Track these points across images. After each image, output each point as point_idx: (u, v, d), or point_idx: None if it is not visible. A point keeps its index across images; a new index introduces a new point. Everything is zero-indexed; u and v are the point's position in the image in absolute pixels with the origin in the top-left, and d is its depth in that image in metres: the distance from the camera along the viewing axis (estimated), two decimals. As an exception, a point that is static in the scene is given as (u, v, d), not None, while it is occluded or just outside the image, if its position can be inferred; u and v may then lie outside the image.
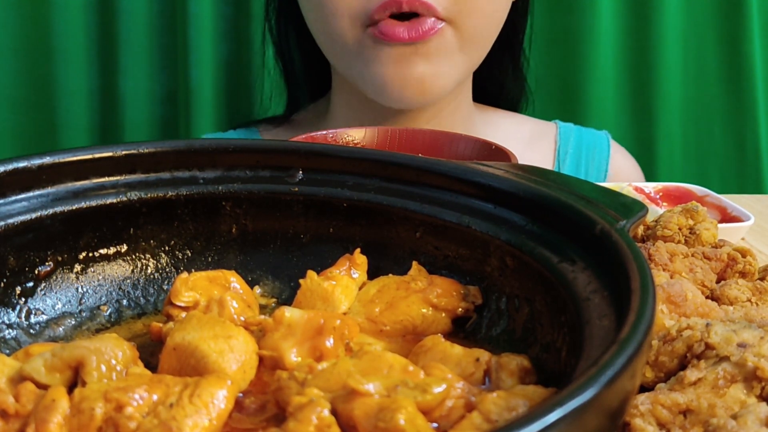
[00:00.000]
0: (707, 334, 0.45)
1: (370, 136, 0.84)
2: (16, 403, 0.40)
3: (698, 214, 0.66)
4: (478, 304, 0.52)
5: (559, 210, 0.49)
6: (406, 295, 0.52)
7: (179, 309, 0.51)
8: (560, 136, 1.21)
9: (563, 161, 1.19)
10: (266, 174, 0.58)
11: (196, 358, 0.43)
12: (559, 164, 1.19)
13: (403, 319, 0.51)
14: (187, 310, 0.51)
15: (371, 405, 0.37)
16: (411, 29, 0.94)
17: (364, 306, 0.52)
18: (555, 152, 1.20)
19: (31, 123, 1.30)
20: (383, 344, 0.51)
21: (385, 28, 0.95)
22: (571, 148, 1.20)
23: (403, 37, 0.94)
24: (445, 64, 0.98)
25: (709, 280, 0.58)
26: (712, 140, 1.45)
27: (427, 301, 0.51)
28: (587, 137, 1.22)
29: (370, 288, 0.53)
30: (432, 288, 0.52)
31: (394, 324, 0.51)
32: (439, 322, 0.52)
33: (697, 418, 0.41)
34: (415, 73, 0.97)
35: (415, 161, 0.57)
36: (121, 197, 0.55)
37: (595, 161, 1.20)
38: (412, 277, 0.53)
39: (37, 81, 1.29)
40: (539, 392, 0.40)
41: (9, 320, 0.51)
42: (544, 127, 1.23)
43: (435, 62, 0.97)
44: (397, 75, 0.97)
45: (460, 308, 0.52)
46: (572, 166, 1.19)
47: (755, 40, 1.39)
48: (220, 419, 0.39)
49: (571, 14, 1.37)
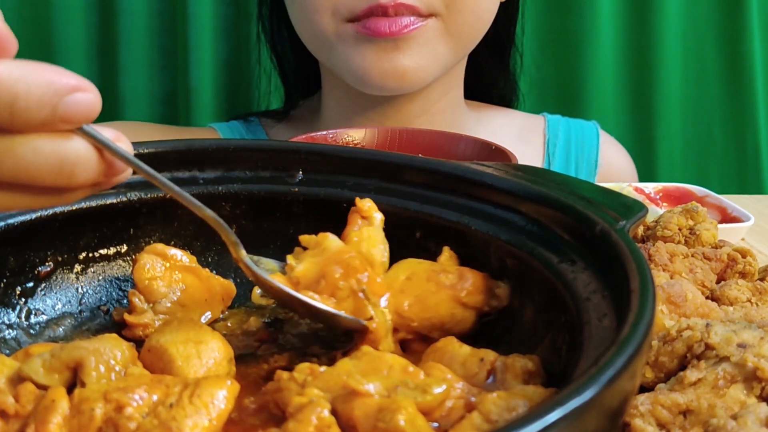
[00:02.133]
0: (707, 335, 0.45)
1: (370, 137, 0.84)
2: (16, 403, 0.40)
3: (698, 214, 0.66)
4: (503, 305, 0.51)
5: (559, 210, 0.49)
6: (437, 290, 0.50)
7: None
8: (549, 129, 1.22)
9: (553, 153, 1.19)
10: (266, 174, 0.58)
11: (164, 361, 0.44)
12: (549, 157, 1.19)
13: (431, 317, 0.50)
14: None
15: (371, 405, 0.37)
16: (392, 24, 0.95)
17: (393, 296, 0.50)
18: (544, 145, 1.20)
19: (30, 123, 1.29)
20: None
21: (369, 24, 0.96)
22: (560, 140, 1.21)
23: (385, 32, 0.95)
24: (427, 57, 0.99)
25: (709, 281, 0.58)
26: (712, 140, 1.45)
27: (457, 300, 0.50)
28: (576, 128, 1.22)
29: (399, 272, 0.52)
30: (462, 283, 0.50)
31: (422, 321, 0.50)
32: (466, 321, 0.51)
33: (697, 418, 0.41)
34: (398, 66, 0.98)
35: (415, 161, 0.57)
36: (121, 197, 0.55)
37: (585, 151, 1.21)
38: (442, 266, 0.52)
39: (37, 81, 1.28)
40: (539, 392, 0.40)
41: (9, 320, 0.51)
42: (533, 121, 1.24)
43: (417, 54, 0.98)
44: (378, 67, 0.98)
45: (487, 307, 0.51)
46: (562, 158, 1.19)
47: (755, 39, 1.39)
48: (220, 420, 0.39)
49: (571, 14, 1.37)
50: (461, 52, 1.05)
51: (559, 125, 1.22)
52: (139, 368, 0.43)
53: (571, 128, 1.22)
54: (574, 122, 1.24)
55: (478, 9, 1.01)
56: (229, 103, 1.34)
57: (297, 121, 1.19)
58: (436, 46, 0.99)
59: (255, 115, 1.23)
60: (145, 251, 0.53)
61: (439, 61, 1.01)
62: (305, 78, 1.21)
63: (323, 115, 1.15)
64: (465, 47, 1.05)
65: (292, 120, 1.20)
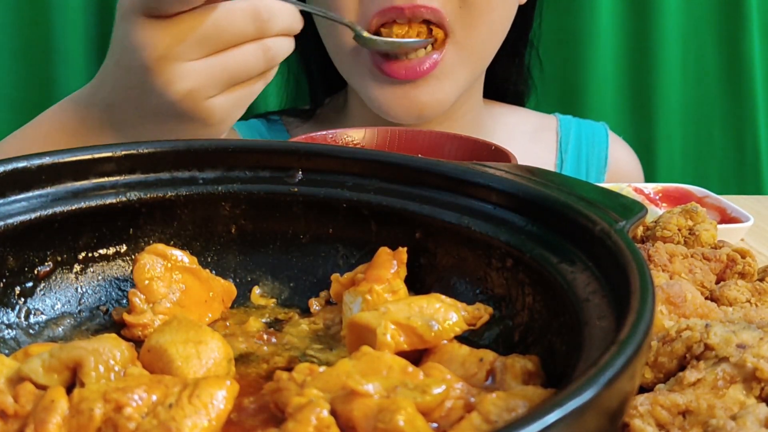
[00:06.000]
0: (706, 335, 0.45)
1: (370, 137, 0.84)
2: (15, 403, 0.40)
3: (698, 214, 0.66)
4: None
5: (559, 211, 0.49)
6: None
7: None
8: (561, 128, 1.23)
9: (565, 152, 1.20)
10: (266, 174, 0.58)
11: (164, 361, 0.44)
12: (562, 155, 1.20)
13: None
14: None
15: (371, 406, 0.37)
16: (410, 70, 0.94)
17: None
18: (557, 144, 1.21)
19: (30, 123, 1.29)
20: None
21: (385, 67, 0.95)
22: (572, 140, 1.21)
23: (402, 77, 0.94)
24: (445, 90, 0.99)
25: (708, 281, 0.58)
26: (712, 141, 1.45)
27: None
28: (586, 129, 1.23)
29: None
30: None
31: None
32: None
33: (697, 419, 0.41)
34: (417, 103, 0.97)
35: (415, 162, 0.57)
36: (121, 197, 0.55)
37: (595, 151, 1.22)
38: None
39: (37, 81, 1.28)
40: (539, 393, 0.40)
41: (8, 320, 0.51)
42: (545, 120, 1.24)
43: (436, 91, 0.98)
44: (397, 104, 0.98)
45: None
46: (573, 157, 1.20)
47: (755, 40, 1.39)
48: (220, 420, 0.39)
49: (571, 15, 1.37)
50: (479, 70, 1.05)
51: (570, 125, 1.23)
52: (138, 368, 0.43)
53: (582, 129, 1.23)
54: (584, 122, 1.25)
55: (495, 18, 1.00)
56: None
57: (322, 120, 1.18)
58: (455, 75, 0.99)
59: (278, 114, 1.22)
60: (145, 251, 0.53)
61: (459, 86, 1.00)
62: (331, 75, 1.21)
63: (350, 113, 1.14)
64: (482, 65, 1.05)
65: (318, 119, 1.19)
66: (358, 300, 0.51)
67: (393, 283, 0.51)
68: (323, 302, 0.56)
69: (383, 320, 0.45)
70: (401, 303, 0.47)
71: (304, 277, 0.57)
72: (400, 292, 0.51)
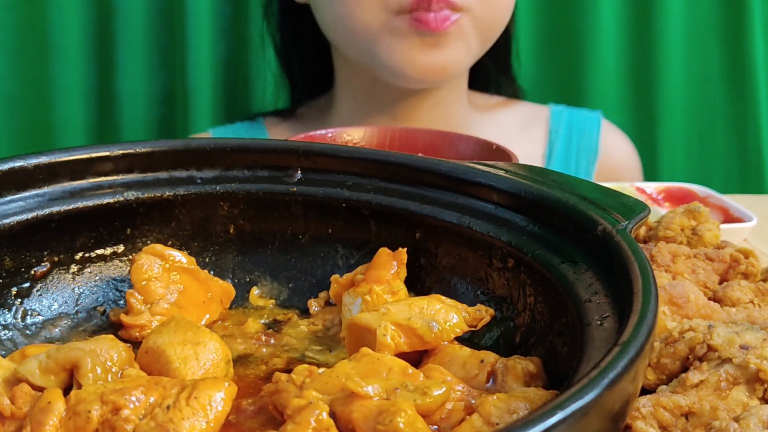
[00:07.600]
0: (709, 336, 0.44)
1: (369, 136, 0.84)
2: (12, 405, 0.39)
3: (700, 214, 0.65)
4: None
5: (561, 211, 0.49)
6: None
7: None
8: (552, 119, 1.24)
9: (554, 142, 1.21)
10: (264, 174, 0.58)
11: (162, 363, 0.44)
12: (551, 146, 1.21)
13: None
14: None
15: (370, 408, 0.37)
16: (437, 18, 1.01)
17: None
18: (546, 134, 1.22)
19: (27, 122, 1.29)
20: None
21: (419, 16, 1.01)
22: (562, 129, 1.23)
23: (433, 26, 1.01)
24: (462, 51, 1.05)
25: (711, 282, 0.58)
26: (715, 140, 1.45)
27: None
28: (578, 117, 1.25)
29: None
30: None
31: None
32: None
33: (699, 420, 0.41)
34: (438, 61, 1.03)
35: (415, 161, 0.56)
36: (118, 197, 0.55)
37: (585, 140, 1.23)
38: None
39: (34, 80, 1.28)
40: (540, 395, 0.39)
41: (5, 321, 0.51)
42: (537, 111, 1.25)
43: (454, 49, 1.04)
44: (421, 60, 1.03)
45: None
46: (563, 147, 1.21)
47: (757, 39, 1.39)
48: (218, 422, 0.39)
49: (573, 13, 1.37)
50: (487, 44, 1.11)
51: (562, 114, 1.24)
52: (135, 370, 0.43)
53: (573, 117, 1.24)
54: (577, 111, 1.26)
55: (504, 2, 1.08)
56: (227, 102, 1.34)
57: (304, 119, 1.20)
58: (470, 40, 1.06)
59: (261, 115, 1.23)
60: (142, 251, 0.53)
61: (472, 54, 1.08)
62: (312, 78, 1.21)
63: (337, 111, 1.16)
64: (491, 39, 1.11)
65: (300, 119, 1.20)
66: (358, 301, 0.50)
67: (393, 284, 0.51)
68: (322, 303, 0.55)
69: (383, 321, 0.45)
70: (401, 304, 0.47)
71: (303, 278, 0.57)
72: (400, 293, 0.51)
